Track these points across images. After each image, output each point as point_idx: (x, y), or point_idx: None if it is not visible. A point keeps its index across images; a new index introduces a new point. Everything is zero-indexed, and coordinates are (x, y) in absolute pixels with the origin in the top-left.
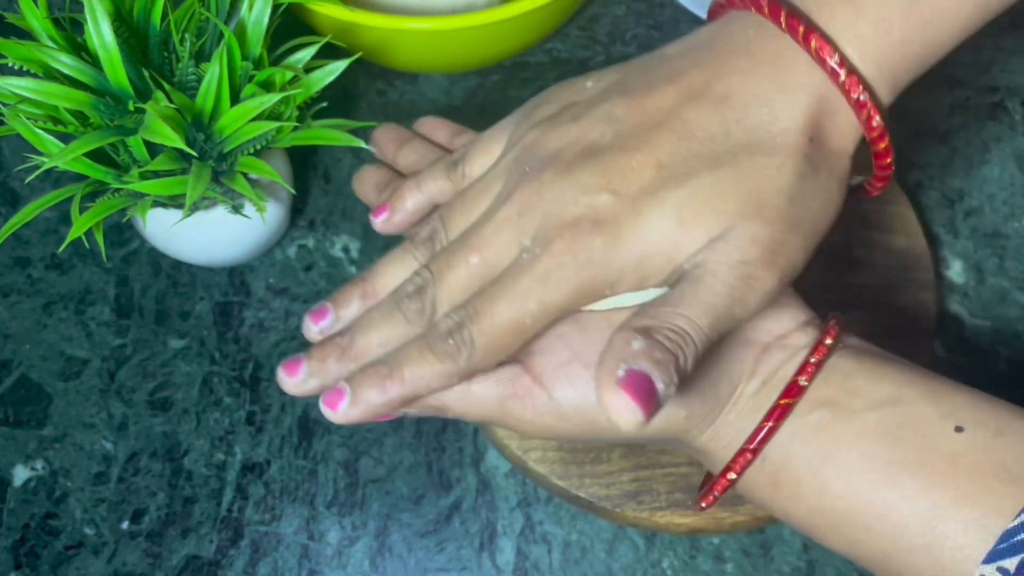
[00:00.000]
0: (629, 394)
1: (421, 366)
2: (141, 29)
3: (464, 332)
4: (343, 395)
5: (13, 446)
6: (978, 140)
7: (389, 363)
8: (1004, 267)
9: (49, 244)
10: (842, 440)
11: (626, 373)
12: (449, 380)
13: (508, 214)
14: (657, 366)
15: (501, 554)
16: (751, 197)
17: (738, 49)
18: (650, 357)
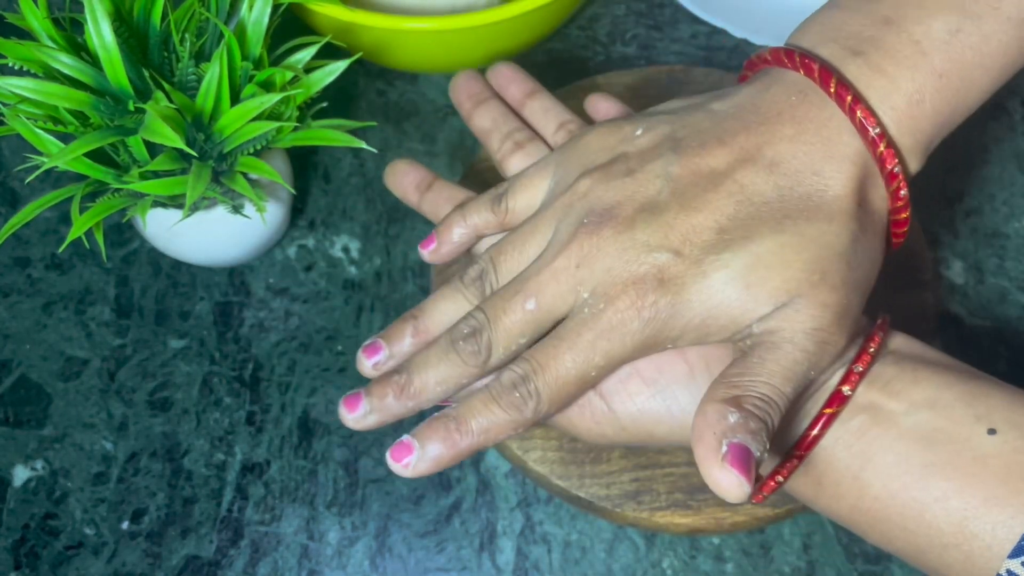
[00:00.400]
0: (736, 468)
1: (488, 418)
2: (141, 29)
3: (530, 384)
4: (412, 450)
5: (13, 446)
6: (978, 140)
7: (456, 416)
8: (1004, 267)
9: (49, 244)
10: (880, 443)
11: (729, 448)
12: (515, 430)
13: (566, 263)
14: (753, 437)
15: (501, 554)
16: (816, 264)
17: (784, 115)
18: (746, 429)
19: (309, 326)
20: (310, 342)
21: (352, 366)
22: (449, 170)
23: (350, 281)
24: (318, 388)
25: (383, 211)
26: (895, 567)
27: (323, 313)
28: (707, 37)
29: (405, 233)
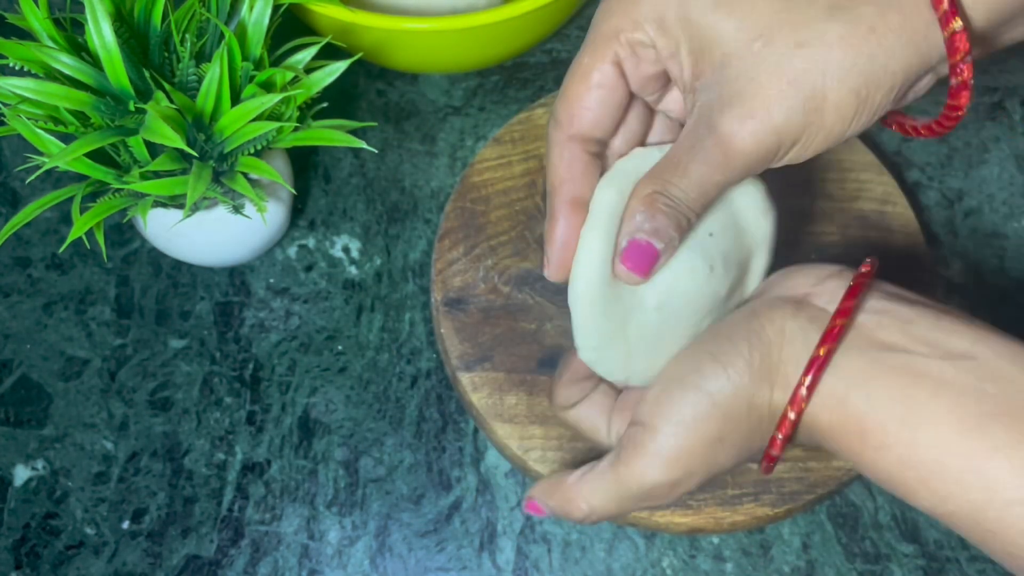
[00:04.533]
0: (627, 263)
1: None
2: (142, 29)
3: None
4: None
5: (14, 446)
6: (977, 140)
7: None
8: (1004, 267)
9: (50, 244)
10: (925, 388)
11: (628, 243)
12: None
13: None
14: (654, 234)
15: (501, 554)
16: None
17: None
18: (651, 227)
19: (309, 326)
20: (310, 342)
21: (352, 366)
22: (449, 170)
23: (350, 281)
24: (318, 388)
25: (383, 211)
26: (895, 567)
27: (323, 313)
28: None
29: (405, 233)
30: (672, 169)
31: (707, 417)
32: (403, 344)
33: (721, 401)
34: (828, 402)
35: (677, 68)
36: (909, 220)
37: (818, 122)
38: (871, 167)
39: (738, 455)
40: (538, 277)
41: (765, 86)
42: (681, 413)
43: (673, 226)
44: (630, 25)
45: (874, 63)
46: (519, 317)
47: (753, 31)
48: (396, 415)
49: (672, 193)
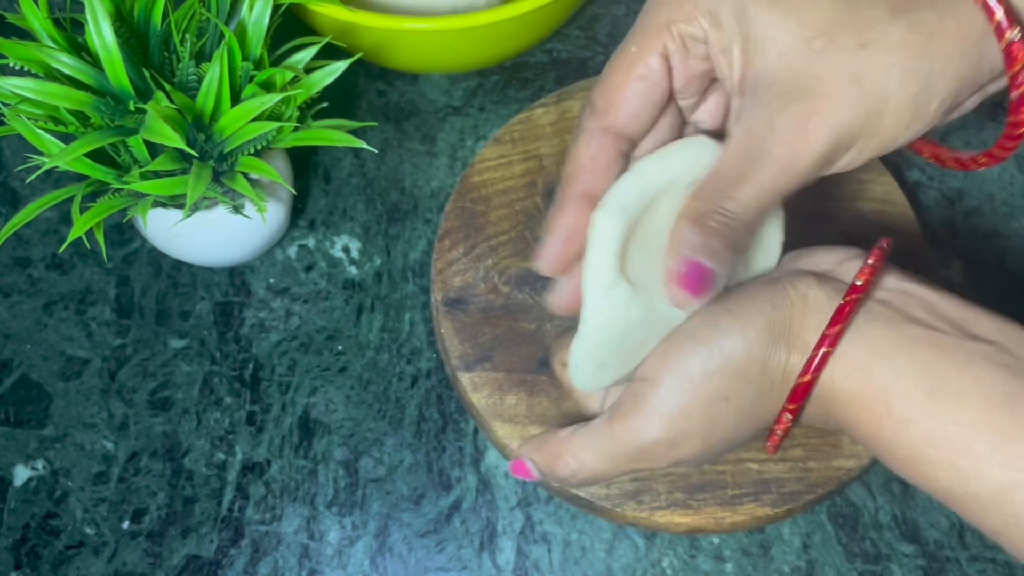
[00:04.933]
0: (682, 285)
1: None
2: (142, 29)
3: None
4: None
5: (14, 446)
6: (977, 140)
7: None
8: (1004, 267)
9: (50, 244)
10: (952, 363)
11: (683, 265)
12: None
13: None
14: (710, 254)
15: (501, 554)
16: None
17: None
18: (705, 248)
19: (309, 326)
20: (310, 342)
21: (352, 366)
22: (449, 170)
23: (350, 281)
24: (318, 388)
25: (383, 211)
26: (895, 567)
27: (323, 313)
28: None
29: (405, 233)
30: (725, 182)
31: (716, 373)
32: (403, 344)
33: (734, 358)
34: (850, 370)
35: (727, 66)
36: (909, 220)
37: (876, 125)
38: (871, 167)
39: (739, 423)
40: (538, 277)
41: (829, 84)
42: (688, 367)
43: (728, 246)
44: (683, 17)
45: (933, 69)
46: (519, 317)
47: (813, 29)
48: (396, 415)
49: (727, 208)
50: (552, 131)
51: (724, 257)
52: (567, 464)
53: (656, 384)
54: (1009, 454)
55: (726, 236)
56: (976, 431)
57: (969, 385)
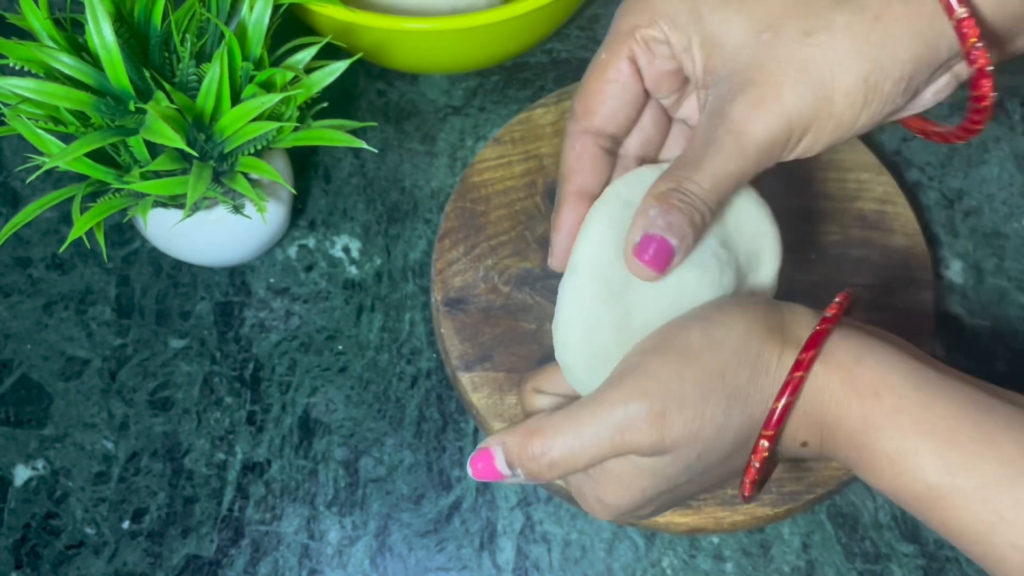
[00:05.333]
0: (641, 257)
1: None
2: (142, 29)
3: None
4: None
5: (14, 446)
6: (977, 140)
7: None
8: (1003, 267)
9: (50, 244)
10: (931, 368)
11: (640, 238)
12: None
13: None
14: (669, 229)
15: (501, 553)
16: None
17: None
18: (665, 223)
19: (309, 326)
20: (310, 342)
21: (352, 366)
22: (449, 170)
23: (350, 281)
24: (319, 388)
25: (383, 211)
26: (894, 567)
27: (323, 313)
28: None
29: (405, 233)
30: (685, 165)
31: (715, 344)
32: (403, 344)
33: (733, 334)
34: (842, 361)
35: (690, 63)
36: (909, 220)
37: (828, 109)
38: (871, 167)
39: (730, 407)
40: (538, 277)
41: (775, 73)
42: (688, 337)
43: (687, 222)
44: (645, 22)
45: (881, 51)
46: (519, 317)
47: (762, 23)
48: (396, 415)
49: (686, 188)
50: (552, 131)
51: (682, 232)
52: (543, 444)
53: (652, 351)
54: (996, 449)
55: (685, 213)
56: (963, 425)
57: (950, 386)
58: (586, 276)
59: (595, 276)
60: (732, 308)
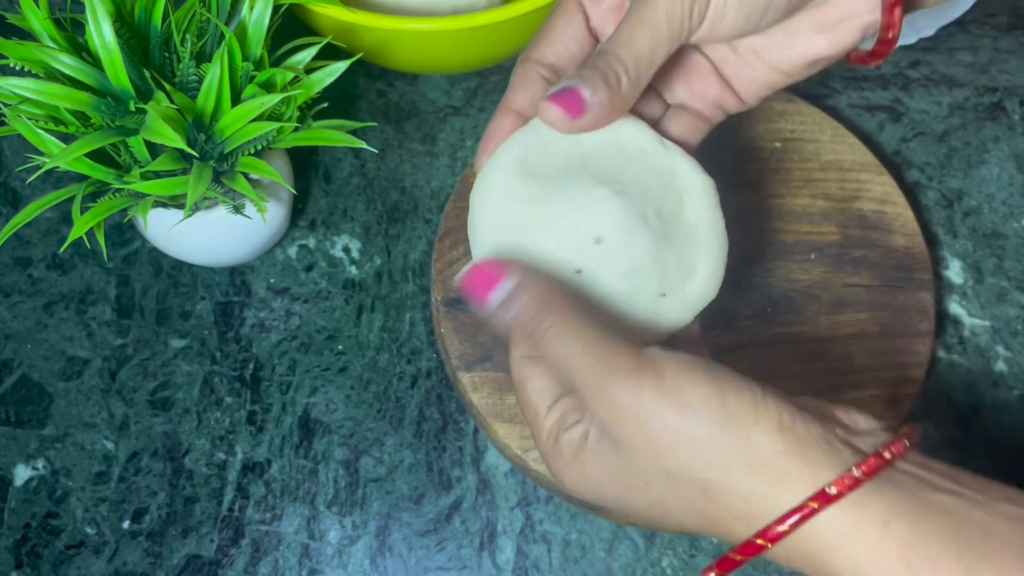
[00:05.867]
0: (556, 103)
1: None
2: (142, 30)
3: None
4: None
5: (14, 446)
6: (977, 140)
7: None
8: (1003, 267)
9: (50, 244)
10: (976, 525)
11: (558, 89)
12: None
13: None
14: (583, 80)
15: (501, 553)
16: None
17: None
18: (578, 75)
19: (310, 326)
20: (311, 342)
21: (352, 366)
22: (449, 170)
23: (350, 281)
24: (319, 388)
25: (383, 211)
26: None
27: (323, 313)
28: None
29: (405, 233)
30: (607, 39)
31: (705, 400)
32: (403, 344)
33: (724, 409)
34: (866, 525)
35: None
36: (908, 220)
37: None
38: (870, 167)
39: (694, 450)
40: None
41: None
42: (706, 393)
43: (600, 76)
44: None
45: None
46: None
47: None
48: (396, 415)
49: (604, 49)
50: None
51: (594, 84)
52: (553, 320)
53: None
54: None
55: (598, 69)
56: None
57: (998, 547)
58: (500, 165)
59: (510, 166)
60: (770, 399)
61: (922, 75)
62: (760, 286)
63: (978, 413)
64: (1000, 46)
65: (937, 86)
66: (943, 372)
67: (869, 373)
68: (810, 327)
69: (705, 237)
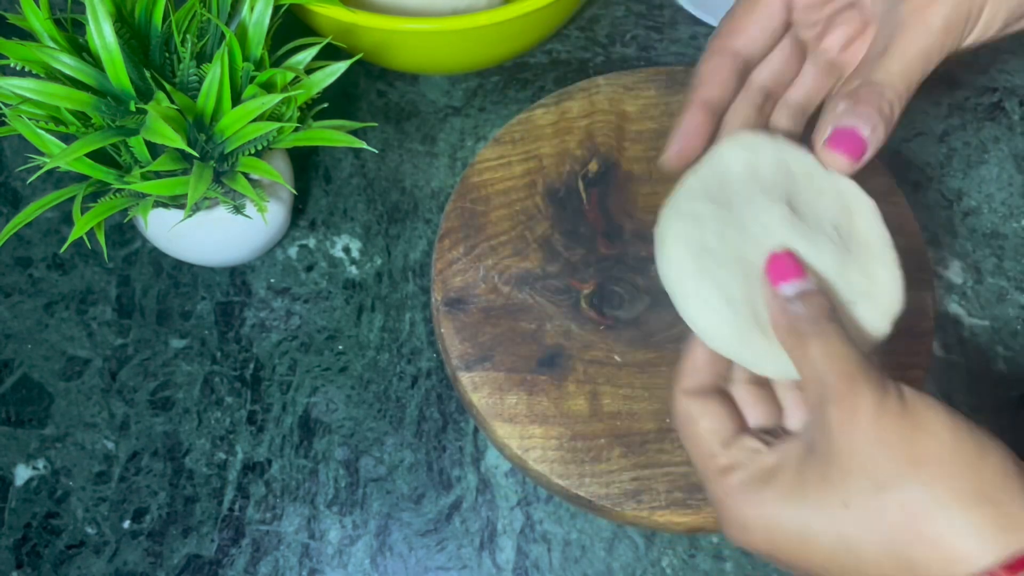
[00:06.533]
0: (836, 148)
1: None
2: (143, 30)
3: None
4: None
5: (15, 445)
6: (976, 141)
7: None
8: (1002, 267)
9: (51, 244)
10: None
11: (832, 131)
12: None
13: None
14: (859, 119)
15: (501, 553)
16: None
17: None
18: (853, 113)
19: (310, 326)
20: (311, 342)
21: (353, 366)
22: (449, 171)
23: (351, 281)
24: (319, 388)
25: (384, 211)
26: None
27: (324, 313)
28: (706, 38)
29: (406, 233)
30: (871, 59)
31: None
32: (403, 344)
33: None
34: None
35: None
36: (908, 220)
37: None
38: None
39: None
40: (538, 277)
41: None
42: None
43: (876, 112)
44: None
45: None
46: (519, 317)
47: None
48: (396, 415)
49: (874, 79)
50: (552, 132)
51: (872, 122)
52: (830, 327)
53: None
54: None
55: (872, 104)
56: None
57: None
58: (680, 244)
59: (688, 238)
60: (1000, 444)
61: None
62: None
63: (978, 413)
64: (1000, 46)
65: (937, 86)
66: (943, 372)
67: None
68: None
69: (879, 250)
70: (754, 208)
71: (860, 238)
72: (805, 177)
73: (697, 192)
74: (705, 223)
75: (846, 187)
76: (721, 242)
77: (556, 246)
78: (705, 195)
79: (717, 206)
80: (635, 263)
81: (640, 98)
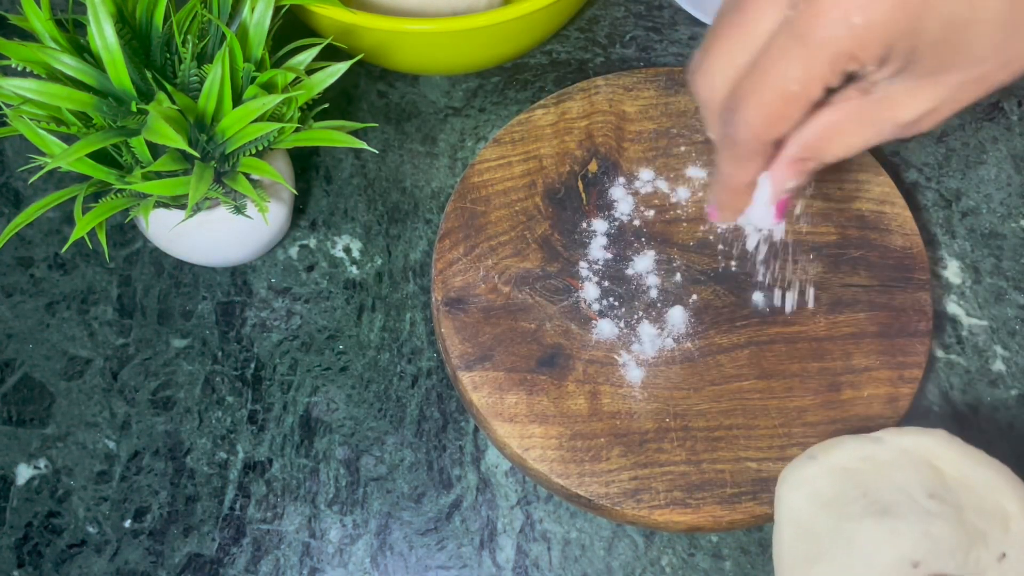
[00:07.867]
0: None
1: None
2: (143, 30)
3: None
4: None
5: (16, 445)
6: (975, 141)
7: None
8: (1001, 267)
9: (52, 244)
10: None
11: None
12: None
13: None
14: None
15: (501, 552)
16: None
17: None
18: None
19: (311, 326)
20: (311, 341)
21: (353, 365)
22: (450, 171)
23: (351, 281)
24: (319, 387)
25: (384, 211)
26: None
27: (324, 313)
28: None
29: (406, 233)
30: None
31: None
32: (404, 344)
33: None
34: None
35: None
36: (907, 220)
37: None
38: (869, 167)
39: None
40: (538, 277)
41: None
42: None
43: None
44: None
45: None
46: (519, 317)
47: None
48: (397, 414)
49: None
50: (552, 132)
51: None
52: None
53: None
54: None
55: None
56: None
57: None
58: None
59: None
60: None
61: None
62: (759, 286)
63: (976, 412)
64: None
65: None
66: (941, 372)
67: (867, 373)
68: (809, 327)
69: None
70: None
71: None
72: (950, 470)
73: (813, 493)
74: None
75: (1001, 481)
76: (836, 549)
77: (556, 246)
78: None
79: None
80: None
81: (639, 98)
